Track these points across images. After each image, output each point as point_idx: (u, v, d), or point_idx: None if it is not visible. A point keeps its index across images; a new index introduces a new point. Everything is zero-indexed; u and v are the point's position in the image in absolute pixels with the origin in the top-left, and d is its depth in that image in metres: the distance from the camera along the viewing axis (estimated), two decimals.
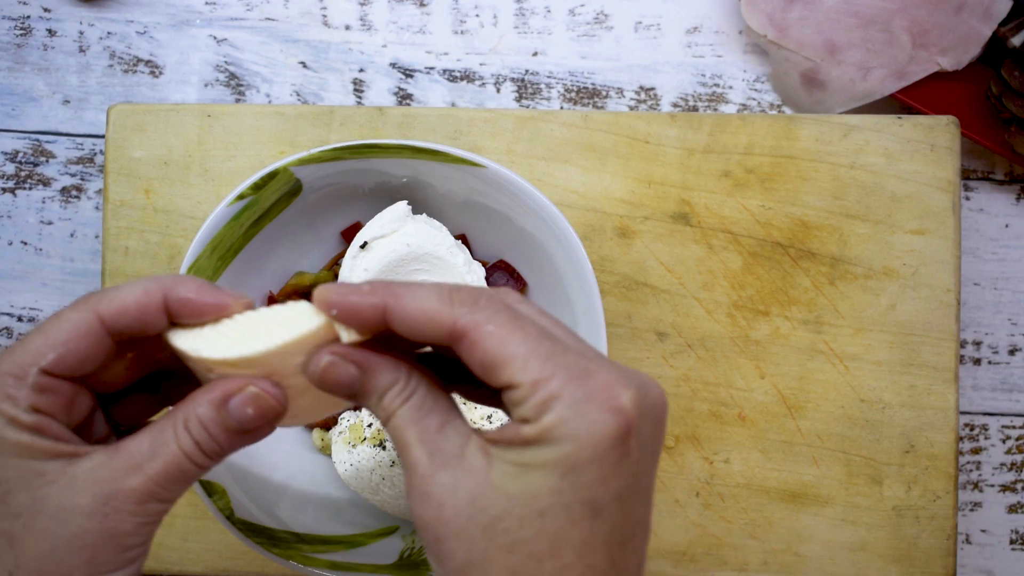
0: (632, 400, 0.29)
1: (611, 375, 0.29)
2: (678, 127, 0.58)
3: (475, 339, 0.29)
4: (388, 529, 0.54)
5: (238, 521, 0.49)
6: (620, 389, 0.29)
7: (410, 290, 0.30)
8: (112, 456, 0.31)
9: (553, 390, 0.28)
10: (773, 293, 0.57)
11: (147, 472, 0.31)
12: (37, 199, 0.64)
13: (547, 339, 0.30)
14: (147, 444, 0.31)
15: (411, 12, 0.63)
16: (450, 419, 0.31)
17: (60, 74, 0.64)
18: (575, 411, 0.28)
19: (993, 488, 0.61)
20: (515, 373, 0.29)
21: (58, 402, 0.31)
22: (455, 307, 0.30)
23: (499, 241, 0.55)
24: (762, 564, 0.57)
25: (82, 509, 0.30)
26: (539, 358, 0.29)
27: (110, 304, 0.31)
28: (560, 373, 0.29)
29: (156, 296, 0.32)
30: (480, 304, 0.30)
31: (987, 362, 0.62)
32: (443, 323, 0.30)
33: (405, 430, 0.30)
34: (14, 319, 0.64)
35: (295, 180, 0.52)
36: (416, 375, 0.31)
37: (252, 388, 0.31)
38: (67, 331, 0.31)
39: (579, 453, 0.28)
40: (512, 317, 0.30)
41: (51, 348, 0.31)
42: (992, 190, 0.62)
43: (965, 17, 0.59)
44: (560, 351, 0.29)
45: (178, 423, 0.31)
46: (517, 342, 0.29)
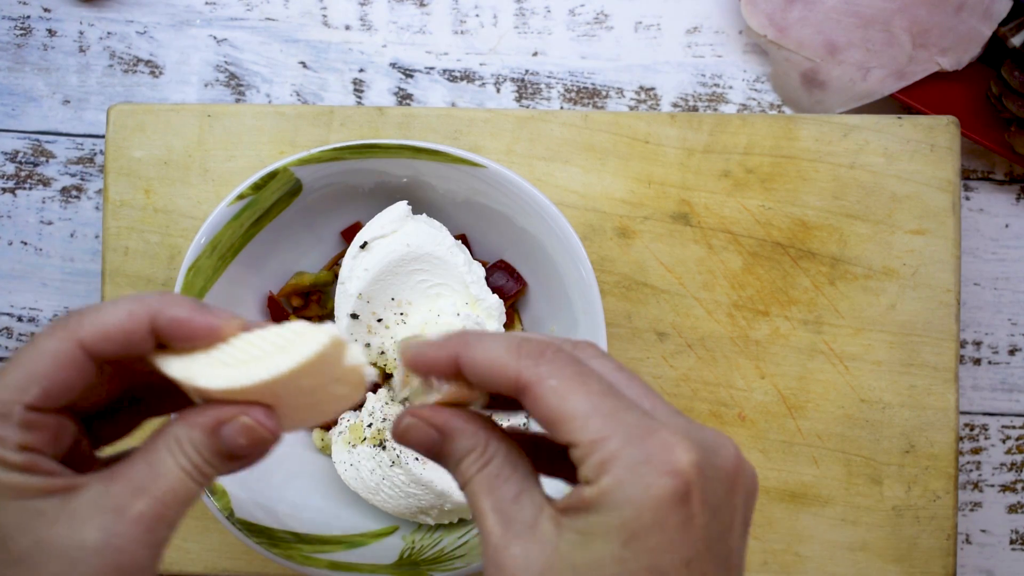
0: (691, 461, 0.28)
1: (673, 435, 0.28)
2: (678, 127, 0.58)
3: (538, 394, 0.29)
4: (388, 529, 0.54)
5: (238, 521, 0.49)
6: (679, 450, 0.28)
7: (480, 340, 0.30)
8: (110, 483, 0.29)
9: (611, 451, 0.28)
10: (773, 293, 0.57)
11: (153, 493, 0.29)
12: (37, 199, 0.64)
13: (611, 396, 0.29)
14: (144, 466, 0.30)
15: (411, 12, 0.63)
16: (526, 487, 0.30)
17: (60, 74, 0.64)
18: (632, 473, 0.28)
19: (993, 488, 0.61)
20: (575, 431, 0.28)
21: (45, 436, 0.29)
22: (521, 359, 0.29)
23: (499, 241, 0.55)
24: (762, 564, 0.57)
25: (90, 546, 0.28)
26: (600, 416, 0.28)
27: (91, 329, 0.30)
28: (619, 433, 0.28)
29: (142, 319, 0.30)
30: (546, 356, 0.29)
31: (987, 362, 0.62)
32: (508, 375, 0.29)
33: (481, 498, 0.30)
34: (14, 319, 0.64)
35: (295, 180, 0.52)
36: (496, 441, 0.31)
37: (245, 419, 0.30)
38: (47, 362, 0.29)
39: (638, 519, 0.27)
40: (577, 372, 0.29)
41: (33, 382, 0.29)
42: (992, 190, 0.62)
43: (965, 17, 0.59)
44: (623, 409, 0.29)
45: (171, 444, 0.30)
46: (579, 399, 0.28)
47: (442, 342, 0.31)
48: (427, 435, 0.31)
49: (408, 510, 0.52)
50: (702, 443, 0.29)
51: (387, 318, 0.53)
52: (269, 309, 0.56)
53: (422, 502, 0.51)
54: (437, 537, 0.53)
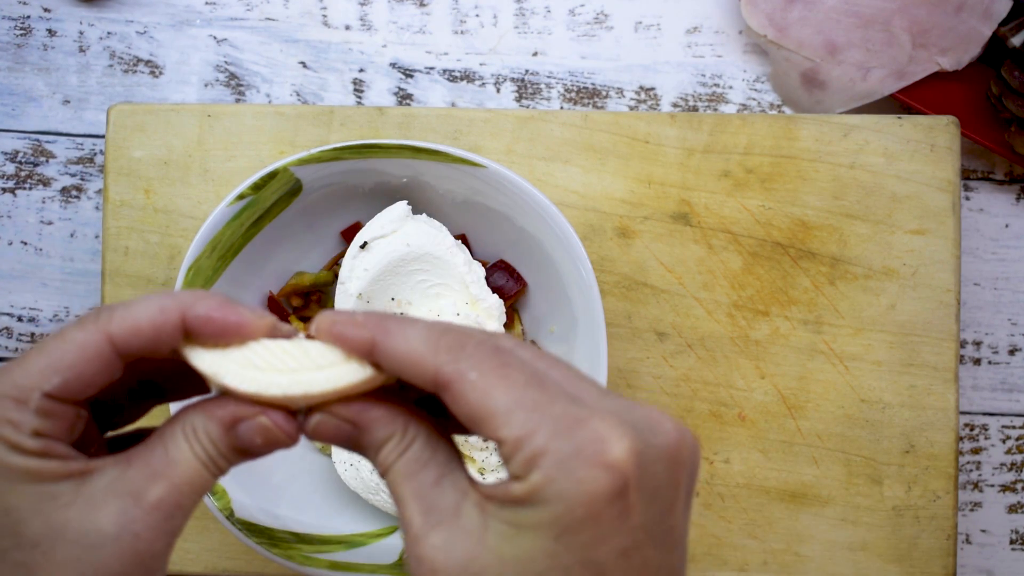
0: (627, 450, 0.26)
1: (603, 423, 0.26)
2: (678, 127, 0.58)
3: (458, 390, 0.27)
4: (388, 529, 0.54)
5: (238, 521, 0.49)
6: (613, 440, 0.26)
7: (400, 328, 0.29)
8: (126, 467, 0.29)
9: (538, 446, 0.26)
10: (773, 293, 0.57)
11: (171, 479, 0.29)
12: (37, 199, 0.64)
13: (535, 387, 0.27)
14: (160, 451, 0.29)
15: (411, 12, 0.63)
16: (448, 472, 0.29)
17: (60, 74, 0.64)
18: (562, 469, 0.26)
19: (993, 488, 0.61)
20: (499, 428, 0.27)
21: (62, 425, 0.29)
22: (440, 353, 0.28)
23: (499, 241, 0.55)
24: (762, 564, 0.57)
25: (108, 531, 0.28)
26: (524, 410, 0.27)
27: (122, 324, 0.29)
28: (545, 426, 0.26)
29: (173, 315, 0.29)
30: (466, 350, 0.28)
31: (987, 362, 0.62)
32: (426, 370, 0.28)
33: (400, 485, 0.29)
34: (14, 319, 0.64)
35: (295, 180, 0.52)
36: (415, 424, 0.30)
37: (263, 420, 0.30)
38: (73, 353, 0.29)
39: (571, 514, 0.26)
40: (499, 364, 0.28)
41: (56, 371, 0.28)
42: (992, 190, 0.62)
43: (965, 17, 0.59)
44: (548, 400, 0.27)
45: (188, 432, 0.30)
46: (500, 393, 0.27)
47: (362, 320, 0.29)
48: (340, 430, 0.30)
49: None
50: (636, 426, 0.27)
51: None
52: (269, 309, 0.56)
53: None
54: None
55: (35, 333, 0.63)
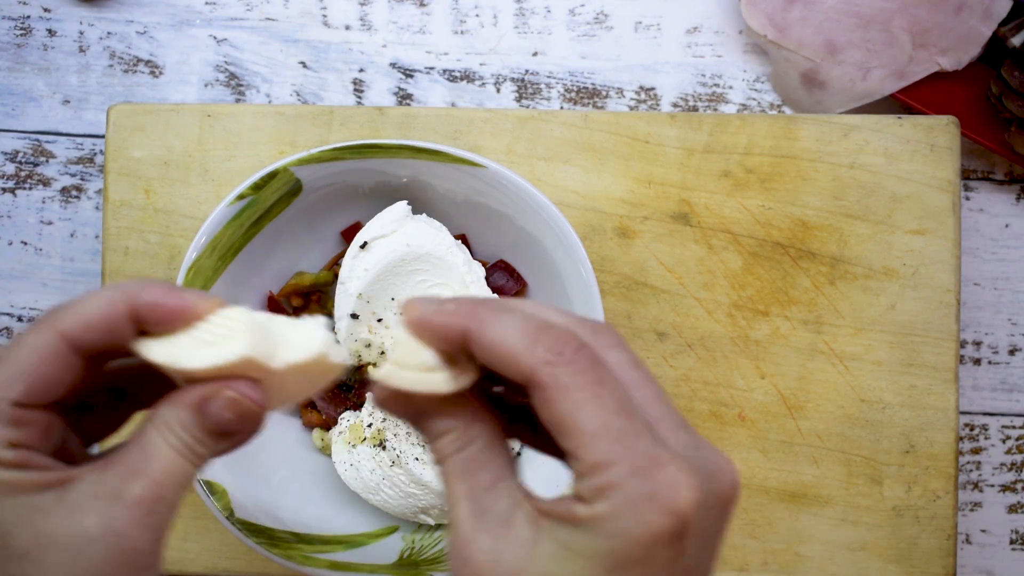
0: (693, 500, 0.26)
1: (679, 471, 0.27)
2: (678, 127, 0.58)
3: (550, 397, 0.27)
4: (388, 529, 0.54)
5: (238, 521, 0.49)
6: (684, 488, 0.26)
7: (497, 317, 0.28)
8: (104, 470, 0.29)
9: (613, 478, 0.26)
10: (773, 293, 0.57)
11: (149, 475, 0.29)
12: (37, 199, 0.64)
13: (624, 415, 0.27)
14: (137, 451, 0.30)
15: (411, 12, 0.63)
16: (504, 477, 0.29)
17: (60, 74, 0.64)
18: (631, 507, 0.26)
19: (993, 488, 0.61)
20: (580, 447, 0.27)
21: (35, 432, 0.29)
22: (538, 352, 0.27)
23: (499, 241, 0.55)
24: (762, 564, 0.57)
25: (91, 534, 0.28)
26: (609, 438, 0.27)
27: (72, 321, 0.29)
28: (626, 461, 0.27)
29: (121, 306, 0.30)
30: (565, 355, 0.27)
31: (987, 362, 0.62)
32: (521, 366, 0.27)
33: (454, 481, 0.29)
34: (14, 319, 0.64)
35: (295, 180, 0.52)
36: (479, 424, 0.29)
37: (229, 392, 0.30)
38: (31, 357, 0.29)
39: (628, 552, 0.26)
40: (595, 380, 0.27)
41: (17, 379, 0.29)
42: (992, 190, 0.62)
43: (965, 17, 0.59)
44: (633, 434, 0.27)
45: (160, 426, 0.30)
46: (592, 413, 0.27)
47: (454, 309, 0.29)
48: (403, 410, 0.30)
49: (408, 510, 0.52)
50: (704, 471, 0.28)
51: (387, 318, 0.53)
52: (269, 309, 0.56)
53: (422, 502, 0.51)
54: (437, 537, 0.53)
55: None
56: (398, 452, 0.51)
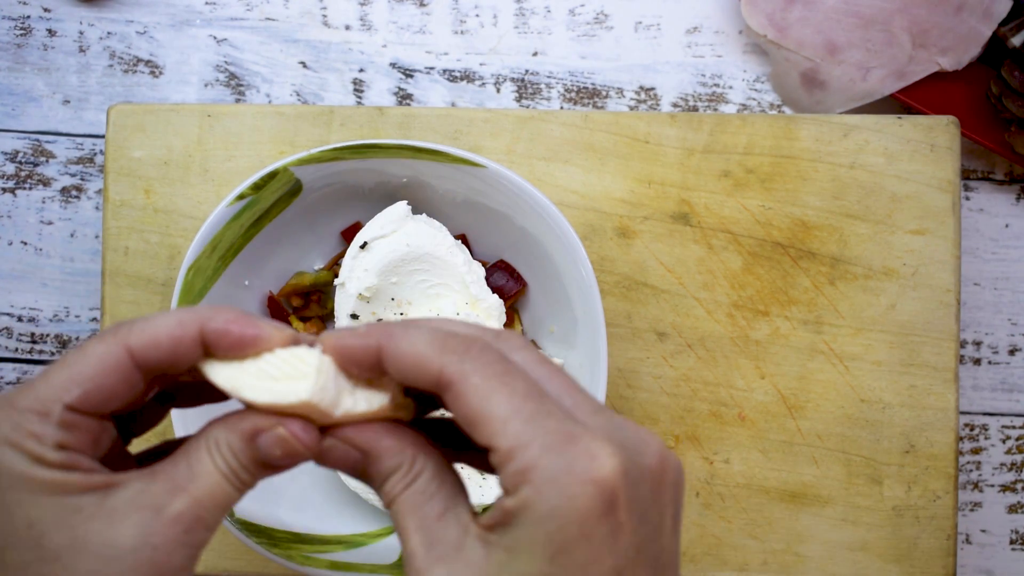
0: (616, 468, 0.26)
1: (595, 441, 0.27)
2: (678, 127, 0.58)
3: (459, 392, 0.28)
4: (388, 529, 0.54)
5: (238, 521, 0.49)
6: (603, 456, 0.26)
7: (405, 332, 0.29)
8: (150, 482, 0.29)
9: (531, 459, 0.26)
10: (773, 293, 0.57)
11: (192, 493, 0.29)
12: (37, 199, 0.64)
13: (534, 398, 0.27)
14: (184, 465, 0.30)
15: (411, 12, 0.63)
16: (453, 505, 0.29)
17: (60, 74, 0.64)
18: (553, 484, 0.26)
19: (993, 488, 0.61)
20: (494, 435, 0.27)
21: (85, 438, 0.29)
22: (444, 354, 0.28)
23: (499, 241, 0.55)
24: (762, 564, 0.57)
25: (127, 544, 0.28)
26: (520, 420, 0.27)
27: (141, 337, 0.29)
28: (539, 439, 0.27)
29: (192, 328, 0.30)
30: (471, 353, 0.28)
31: (987, 362, 0.62)
32: (430, 370, 0.28)
33: (404, 516, 0.29)
34: (14, 319, 0.64)
35: (295, 180, 0.52)
36: (422, 456, 0.30)
37: (281, 430, 0.30)
38: (93, 366, 0.29)
39: (563, 532, 0.26)
40: (502, 370, 0.28)
41: (76, 384, 0.29)
42: (992, 190, 0.62)
43: (965, 17, 0.59)
44: (544, 413, 0.27)
45: (211, 445, 0.30)
46: (500, 400, 0.27)
47: (365, 332, 0.30)
48: (349, 456, 0.30)
49: None
50: (625, 444, 0.28)
51: (387, 318, 0.53)
52: (269, 309, 0.56)
53: None
54: None
55: (35, 333, 0.63)
56: None
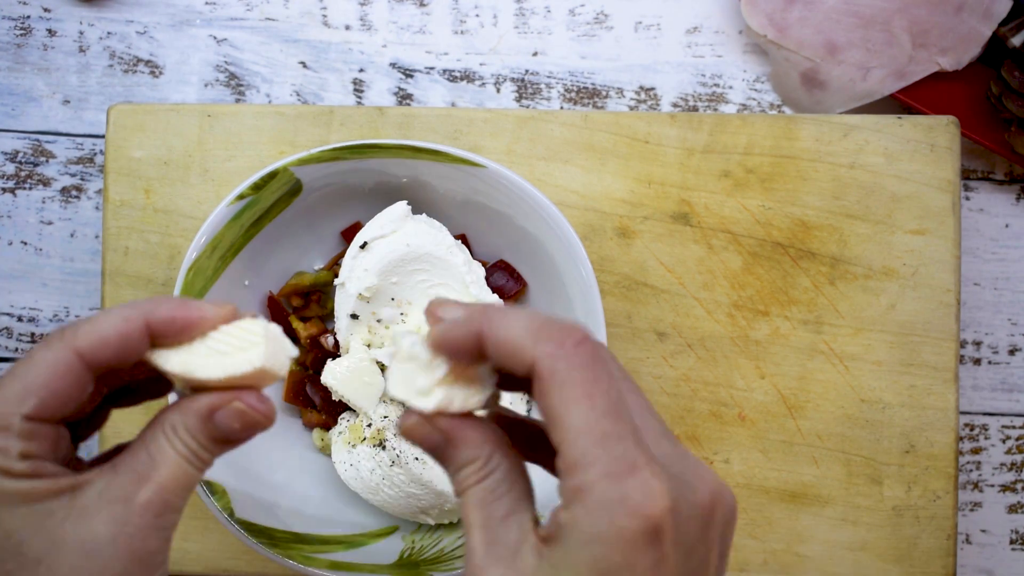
0: (663, 505, 0.27)
1: (653, 475, 0.27)
2: (678, 127, 0.58)
3: (546, 387, 0.28)
4: (388, 529, 0.54)
5: (238, 521, 0.49)
6: (656, 494, 0.27)
7: (503, 317, 0.29)
8: (113, 475, 0.30)
9: (590, 480, 0.27)
10: (773, 293, 0.57)
11: (156, 480, 0.30)
12: (37, 199, 0.64)
13: (612, 417, 0.28)
14: (144, 455, 0.31)
15: (411, 12, 0.63)
16: (518, 509, 0.30)
17: (60, 74, 0.64)
18: (604, 510, 0.27)
19: (993, 488, 0.61)
20: (563, 442, 0.28)
21: (45, 445, 0.30)
22: (539, 342, 0.28)
23: (499, 241, 0.55)
24: (762, 564, 0.57)
25: (103, 537, 0.29)
26: (592, 438, 0.27)
27: (88, 338, 0.30)
28: (603, 462, 0.27)
29: (136, 323, 0.30)
30: (566, 347, 0.28)
31: (987, 362, 0.62)
32: (525, 357, 0.29)
33: (471, 510, 0.30)
34: (14, 319, 0.64)
35: (295, 180, 0.52)
36: (499, 455, 0.30)
37: (238, 404, 0.31)
38: (45, 373, 0.30)
39: (608, 558, 0.27)
40: (591, 377, 0.28)
41: (31, 393, 0.30)
42: (992, 190, 0.62)
43: (965, 17, 0.59)
44: (616, 436, 0.27)
45: (168, 431, 0.31)
46: (580, 411, 0.28)
47: (466, 319, 0.30)
48: (431, 437, 0.31)
49: (408, 510, 0.52)
50: (680, 480, 0.28)
51: (387, 318, 0.53)
52: (269, 309, 0.56)
53: (422, 502, 0.51)
54: (437, 537, 0.53)
55: (35, 333, 0.63)
56: (398, 452, 0.51)
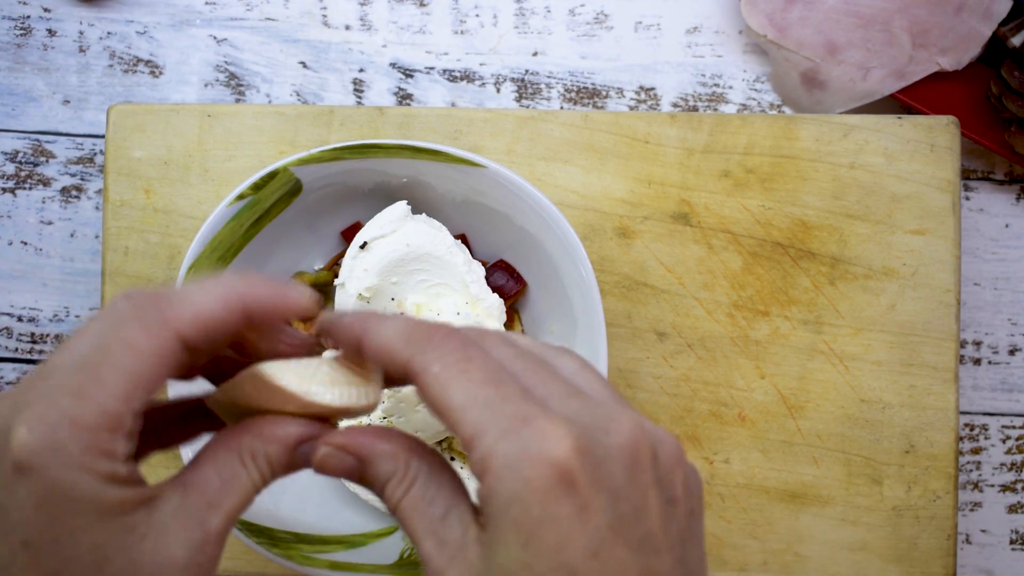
0: (569, 447, 0.26)
1: (549, 423, 0.26)
2: (678, 127, 0.58)
3: (423, 382, 0.28)
4: (388, 529, 0.54)
5: (238, 521, 0.49)
6: (555, 437, 0.26)
7: (379, 324, 0.29)
8: (185, 495, 0.28)
9: (488, 446, 0.26)
10: (773, 293, 0.57)
11: (226, 510, 0.29)
12: (37, 199, 0.64)
13: (492, 384, 0.27)
14: (216, 478, 0.29)
15: (411, 12, 0.63)
16: (453, 504, 0.29)
17: (60, 74, 0.64)
18: (509, 469, 0.26)
19: (993, 488, 0.61)
20: (456, 424, 0.27)
21: (134, 444, 0.28)
22: (410, 344, 0.28)
23: (499, 241, 0.55)
24: (762, 564, 0.57)
25: (179, 563, 0.27)
26: (477, 407, 0.27)
27: (191, 321, 0.28)
28: (495, 425, 0.26)
29: (237, 307, 0.29)
30: (433, 342, 0.28)
31: (987, 362, 0.62)
32: (399, 360, 0.28)
33: (412, 522, 0.29)
34: (14, 319, 0.64)
35: (295, 180, 0.52)
36: (416, 459, 0.30)
37: (327, 449, 0.30)
38: (148, 362, 0.27)
39: (527, 516, 0.26)
40: (462, 358, 0.28)
41: (138, 386, 0.27)
42: (992, 190, 0.62)
43: (965, 17, 0.59)
44: (501, 399, 0.27)
45: (247, 458, 0.29)
46: (458, 387, 0.27)
47: (352, 320, 0.30)
48: (345, 463, 0.30)
49: None
50: (586, 424, 0.27)
51: None
52: None
53: None
54: None
55: (35, 333, 0.63)
56: None
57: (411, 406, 0.49)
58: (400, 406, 0.49)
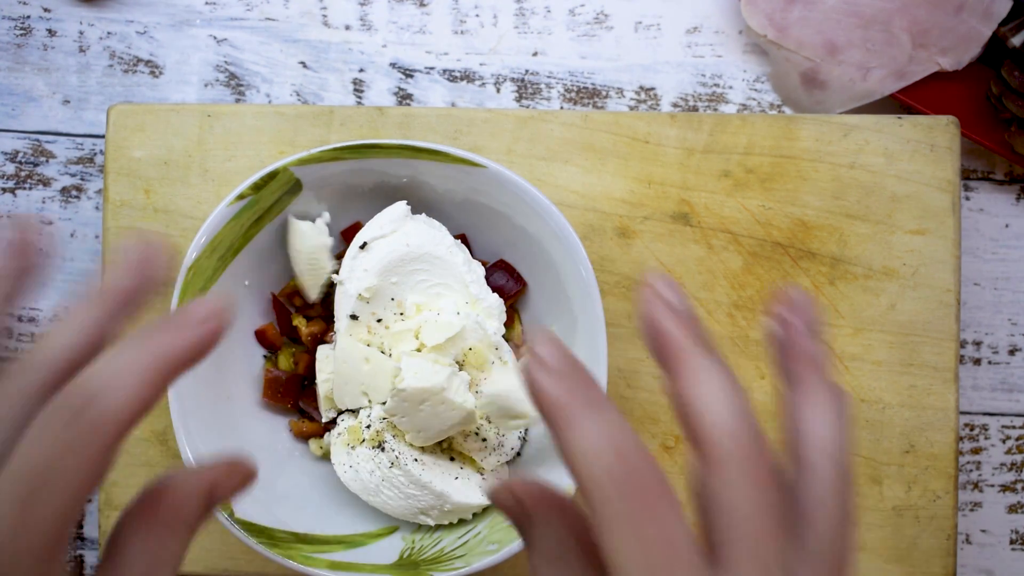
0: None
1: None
2: (678, 127, 0.58)
3: (595, 527, 0.26)
4: (388, 529, 0.54)
5: (238, 521, 0.49)
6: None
7: (582, 422, 0.26)
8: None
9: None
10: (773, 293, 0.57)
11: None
12: (37, 199, 0.64)
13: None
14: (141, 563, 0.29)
15: (411, 12, 0.63)
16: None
17: (60, 74, 0.64)
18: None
19: (993, 488, 0.61)
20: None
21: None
22: (598, 487, 0.25)
23: (499, 241, 0.55)
24: None
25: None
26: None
27: (126, 424, 0.26)
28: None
29: (163, 381, 0.28)
30: (644, 507, 0.25)
31: (987, 362, 0.62)
32: (585, 490, 0.26)
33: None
34: (14, 319, 0.63)
35: (295, 180, 0.52)
36: (570, 519, 0.29)
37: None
38: (88, 482, 0.26)
39: None
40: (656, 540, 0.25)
41: (77, 505, 0.26)
42: (992, 190, 0.62)
43: (965, 17, 0.59)
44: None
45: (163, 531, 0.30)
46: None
47: (556, 388, 0.27)
48: (508, 505, 0.30)
49: (408, 511, 0.52)
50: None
51: (387, 318, 0.53)
52: (274, 309, 0.56)
53: (421, 503, 0.51)
54: (437, 537, 0.53)
55: (35, 333, 0.63)
56: (397, 453, 0.51)
57: (414, 405, 0.49)
58: (403, 405, 0.49)
